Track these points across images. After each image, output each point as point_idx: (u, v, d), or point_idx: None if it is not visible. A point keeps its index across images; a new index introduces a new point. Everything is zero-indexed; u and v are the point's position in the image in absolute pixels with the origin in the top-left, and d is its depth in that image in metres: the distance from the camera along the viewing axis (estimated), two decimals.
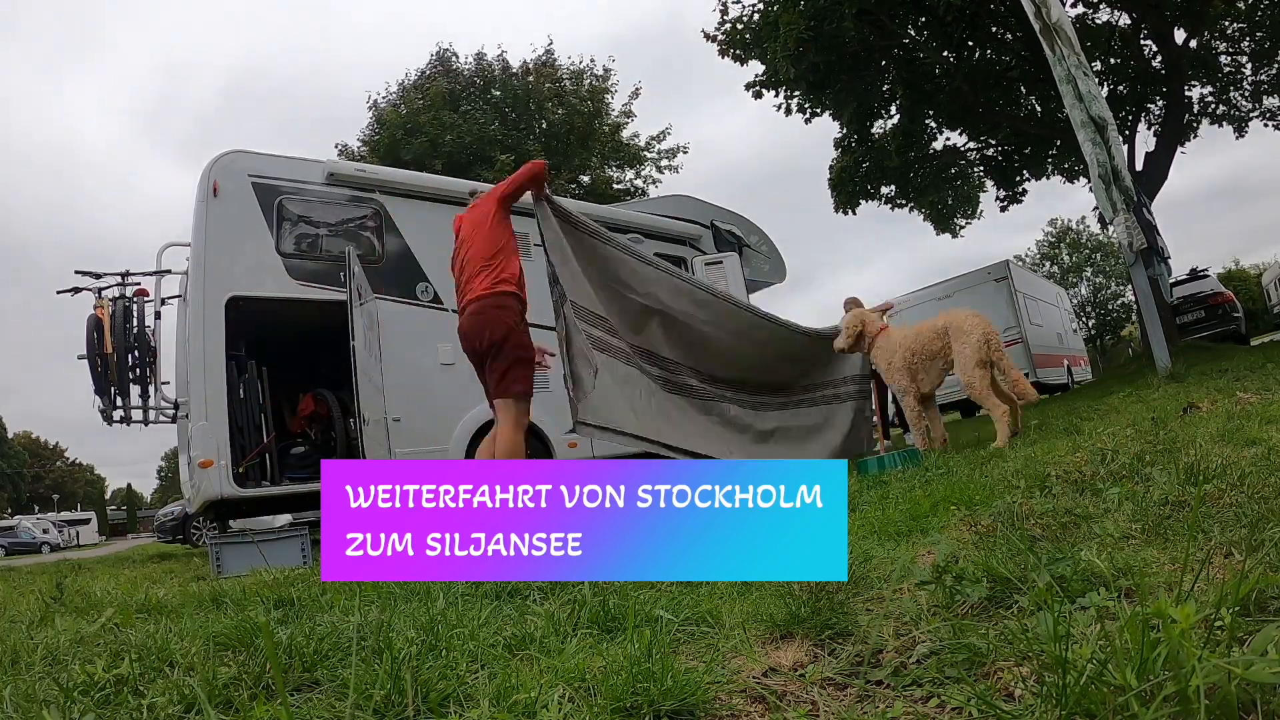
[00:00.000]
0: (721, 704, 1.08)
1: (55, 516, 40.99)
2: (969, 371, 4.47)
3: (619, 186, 19.81)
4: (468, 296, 3.59)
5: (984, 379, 4.45)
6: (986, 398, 4.43)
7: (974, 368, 4.44)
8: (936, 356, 4.74)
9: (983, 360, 4.45)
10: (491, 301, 3.53)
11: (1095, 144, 6.42)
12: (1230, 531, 1.39)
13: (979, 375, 4.44)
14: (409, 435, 5.78)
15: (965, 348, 4.50)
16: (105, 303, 5.90)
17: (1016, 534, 1.56)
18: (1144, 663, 0.79)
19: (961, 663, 1.05)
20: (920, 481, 3.03)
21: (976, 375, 4.44)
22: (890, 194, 16.18)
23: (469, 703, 1.10)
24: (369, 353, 5.32)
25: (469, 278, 3.60)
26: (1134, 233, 6.35)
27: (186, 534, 13.51)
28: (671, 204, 9.07)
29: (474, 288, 3.56)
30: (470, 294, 3.58)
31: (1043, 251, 49.43)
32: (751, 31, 13.28)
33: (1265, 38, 13.67)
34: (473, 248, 3.61)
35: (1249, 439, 2.44)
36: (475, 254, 3.59)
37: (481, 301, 3.53)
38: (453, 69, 19.08)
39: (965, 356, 4.50)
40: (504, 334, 3.51)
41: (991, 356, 4.48)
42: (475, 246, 3.61)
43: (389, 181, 6.50)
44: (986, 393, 4.43)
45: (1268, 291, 27.12)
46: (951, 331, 4.62)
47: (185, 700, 1.17)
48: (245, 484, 5.44)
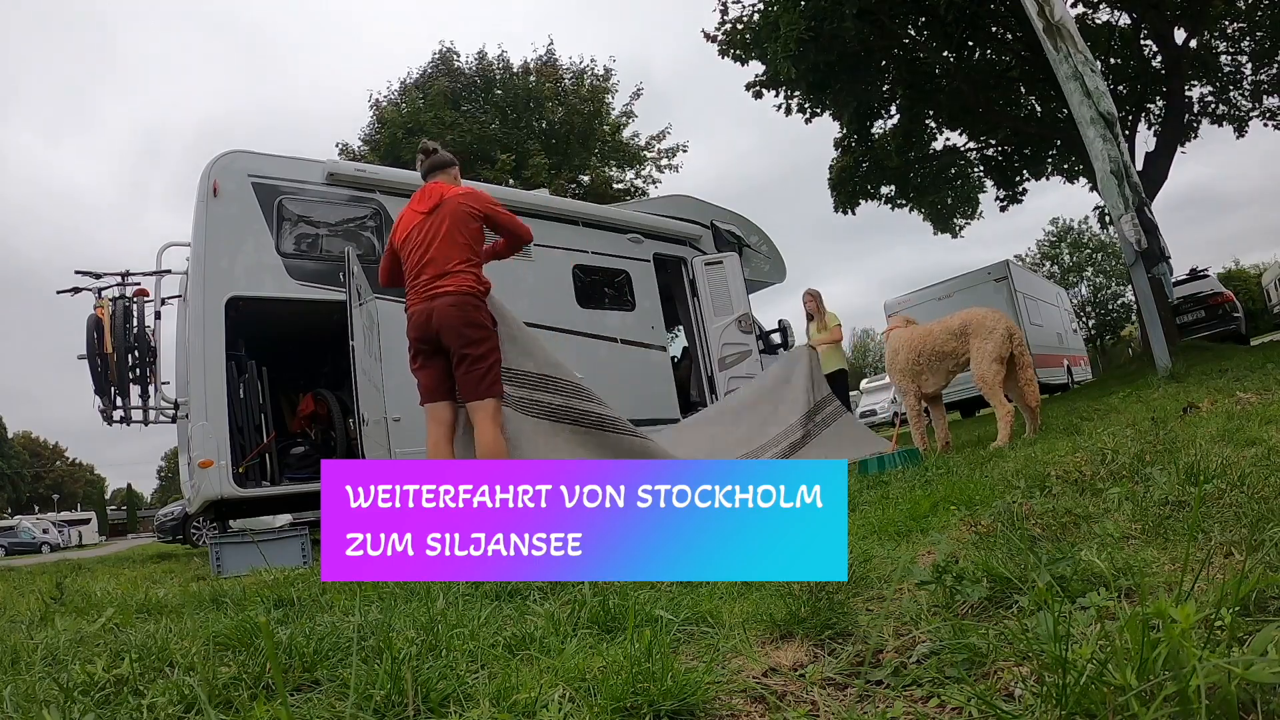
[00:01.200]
0: (721, 704, 1.08)
1: (55, 516, 40.99)
2: (985, 365, 4.46)
3: (619, 186, 19.80)
4: (445, 287, 3.56)
5: (998, 375, 4.45)
6: (995, 394, 4.44)
7: (991, 362, 4.44)
8: (948, 357, 4.70)
9: (1001, 356, 4.45)
10: (474, 301, 3.54)
11: (1106, 139, 6.41)
12: (1230, 531, 1.39)
13: (994, 370, 4.44)
14: (409, 435, 5.78)
15: (987, 343, 4.49)
16: (105, 303, 5.90)
17: (1016, 534, 1.56)
18: (1144, 663, 0.79)
19: (961, 663, 1.05)
20: (920, 481, 3.03)
21: (992, 370, 4.44)
22: (890, 194, 16.19)
23: (469, 703, 1.10)
24: (369, 352, 5.32)
25: (449, 267, 3.56)
26: (1139, 230, 6.35)
27: (186, 534, 13.51)
28: (671, 204, 9.07)
29: (456, 282, 3.55)
30: (449, 286, 3.56)
31: (1043, 251, 49.44)
32: (751, 31, 13.28)
33: (1265, 38, 13.67)
34: (457, 239, 3.58)
35: (1249, 439, 2.44)
36: (458, 246, 3.57)
37: (464, 298, 3.52)
38: (454, 68, 19.09)
39: (985, 351, 4.49)
40: (485, 336, 3.53)
41: (1014, 351, 4.49)
42: (460, 239, 3.58)
43: (389, 181, 6.49)
44: (996, 389, 4.45)
45: (1268, 291, 27.14)
46: (972, 328, 4.60)
47: (185, 700, 1.17)
48: (245, 484, 5.44)
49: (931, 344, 4.73)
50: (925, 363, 4.75)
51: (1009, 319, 4.66)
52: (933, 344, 4.72)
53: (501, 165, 16.79)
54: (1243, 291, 24.73)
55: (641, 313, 7.94)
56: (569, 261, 7.40)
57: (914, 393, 4.80)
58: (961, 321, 4.67)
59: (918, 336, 4.83)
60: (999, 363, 4.44)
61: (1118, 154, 6.41)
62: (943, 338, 4.71)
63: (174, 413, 5.97)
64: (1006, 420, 4.39)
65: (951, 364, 4.73)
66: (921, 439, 4.85)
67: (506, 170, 16.89)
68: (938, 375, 4.78)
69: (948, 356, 4.71)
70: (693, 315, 8.63)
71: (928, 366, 4.75)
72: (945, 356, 4.71)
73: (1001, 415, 4.42)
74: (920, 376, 4.79)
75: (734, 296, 8.40)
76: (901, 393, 4.89)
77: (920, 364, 4.76)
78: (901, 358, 4.82)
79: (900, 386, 4.87)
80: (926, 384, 4.81)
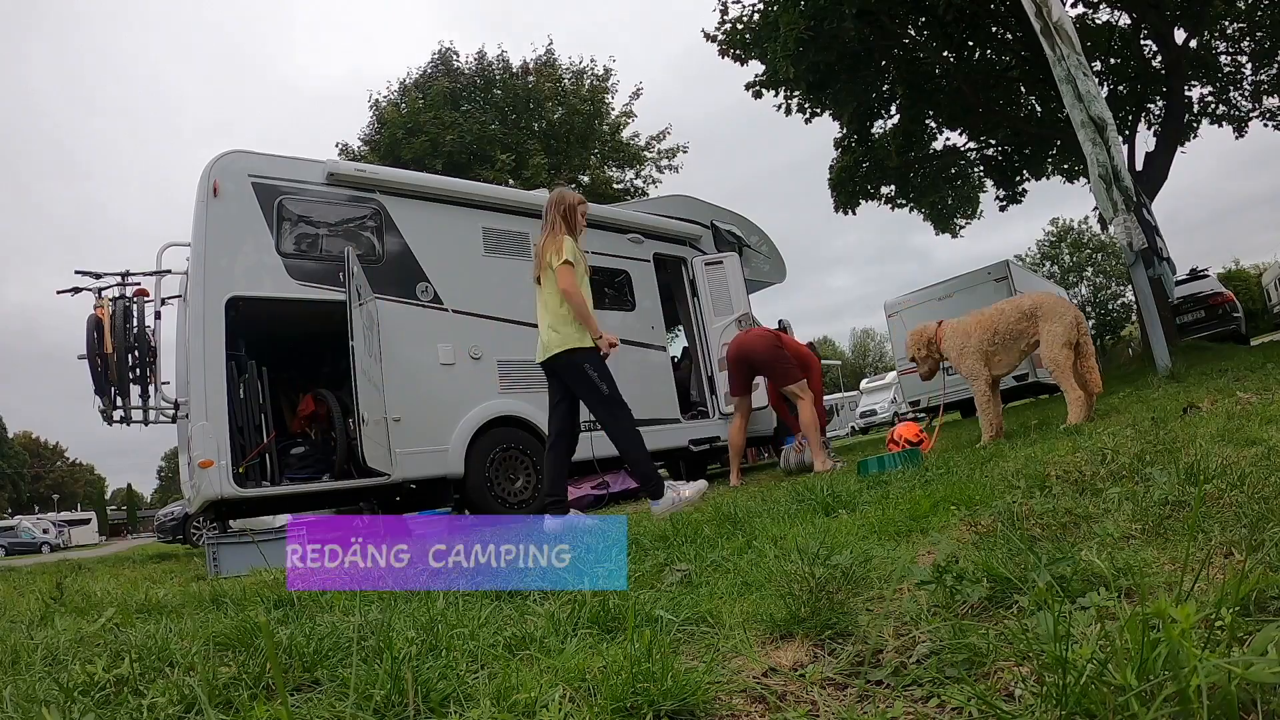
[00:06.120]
0: (721, 704, 1.08)
1: (55, 516, 40.99)
2: (1056, 349, 4.54)
3: (619, 186, 19.81)
4: None
5: (1069, 359, 4.54)
6: (1066, 377, 4.53)
7: (1061, 347, 4.53)
8: (1020, 337, 4.74)
9: (1070, 342, 4.55)
10: None
11: (1095, 144, 6.43)
12: (1230, 531, 1.39)
13: (1065, 354, 4.52)
14: (409, 435, 5.78)
15: (1057, 326, 4.57)
16: (105, 303, 5.90)
17: (1016, 534, 1.56)
18: (1144, 663, 0.79)
19: (961, 663, 1.05)
20: (920, 481, 3.02)
21: (1063, 354, 4.52)
22: (890, 194, 16.20)
23: (469, 703, 1.10)
24: (369, 352, 5.32)
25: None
26: (1134, 233, 6.35)
27: (186, 534, 13.52)
28: (671, 204, 9.07)
29: None
30: None
31: (1043, 251, 49.46)
32: (751, 31, 13.29)
33: (1265, 38, 13.68)
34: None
35: (1249, 439, 2.44)
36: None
37: None
38: (453, 68, 19.09)
39: (1056, 335, 4.56)
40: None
41: (1079, 339, 4.59)
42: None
43: (389, 181, 6.49)
44: (1067, 373, 4.52)
45: (1268, 291, 27.14)
46: (1042, 312, 4.66)
47: (185, 700, 1.17)
48: (245, 484, 5.43)
49: (1005, 324, 4.76)
50: (1000, 342, 4.77)
51: (1075, 307, 4.77)
52: (1006, 324, 4.76)
53: (501, 165, 16.79)
54: (1243, 291, 24.73)
55: (641, 313, 7.94)
56: None
57: (985, 378, 4.80)
58: (1033, 303, 4.74)
59: (989, 317, 4.85)
60: (1069, 347, 4.54)
61: (1106, 159, 6.41)
62: (1014, 317, 4.75)
63: (174, 413, 5.97)
64: (1077, 403, 4.48)
65: (1024, 344, 4.77)
66: (988, 430, 4.77)
67: (506, 170, 16.89)
68: (1010, 355, 4.80)
69: (1020, 336, 4.75)
70: (693, 315, 8.63)
71: (1002, 346, 4.78)
72: (1019, 336, 4.75)
73: (1073, 399, 4.51)
74: (994, 358, 4.80)
75: (734, 296, 8.41)
76: (972, 378, 4.87)
77: (996, 344, 4.77)
78: (975, 340, 4.81)
79: (971, 372, 4.85)
80: (999, 365, 4.82)
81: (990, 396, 4.85)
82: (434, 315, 6.28)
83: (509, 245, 6.96)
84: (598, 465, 6.69)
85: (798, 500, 3.00)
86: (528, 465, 6.40)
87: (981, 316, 4.89)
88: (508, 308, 6.71)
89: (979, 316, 4.91)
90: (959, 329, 4.94)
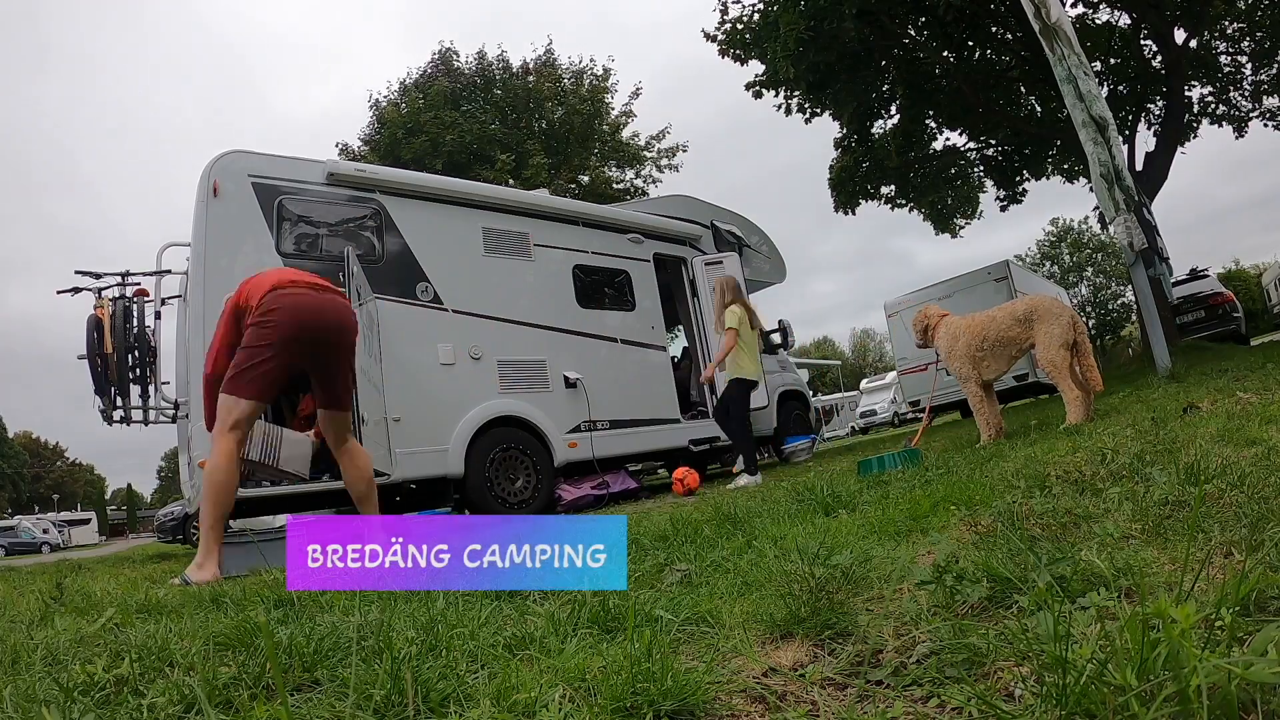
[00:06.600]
0: (721, 704, 1.08)
1: (55, 516, 40.99)
2: (1053, 351, 4.53)
3: (619, 186, 19.81)
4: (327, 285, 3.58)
5: (1066, 360, 4.53)
6: (1063, 378, 4.52)
7: (1059, 348, 4.52)
8: (1011, 343, 4.71)
9: (1067, 343, 4.54)
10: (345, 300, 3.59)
11: (1096, 143, 6.43)
12: (1230, 531, 1.39)
13: (1062, 356, 4.52)
14: (409, 435, 5.78)
15: (1054, 328, 4.56)
16: (105, 303, 5.90)
17: (1016, 534, 1.56)
18: (1144, 663, 0.79)
19: (961, 663, 1.05)
20: (920, 481, 3.02)
21: (1060, 356, 4.51)
22: (890, 194, 16.20)
23: (469, 703, 1.10)
24: (368, 353, 5.31)
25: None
26: (1134, 232, 6.35)
27: (186, 534, 13.50)
28: (671, 204, 9.07)
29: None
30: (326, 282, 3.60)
31: (1043, 251, 49.46)
32: (751, 31, 13.29)
33: (1265, 38, 13.69)
34: None
35: (1249, 439, 2.44)
36: None
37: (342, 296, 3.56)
38: (454, 68, 19.09)
39: (1053, 336, 4.55)
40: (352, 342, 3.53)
41: (1077, 338, 4.58)
42: None
43: (389, 181, 6.49)
44: (1065, 374, 4.52)
45: (1268, 291, 27.15)
46: (1038, 314, 4.64)
47: (185, 700, 1.17)
48: (245, 484, 5.43)
49: (995, 330, 4.72)
50: (989, 348, 4.74)
51: (1071, 308, 4.75)
52: (997, 330, 4.72)
53: (501, 165, 16.79)
54: (1243, 291, 24.74)
55: (641, 313, 7.94)
56: (569, 261, 7.41)
57: (975, 380, 4.79)
58: (1027, 307, 4.71)
59: (979, 322, 4.82)
60: (1066, 348, 4.53)
61: (1108, 158, 6.41)
62: (1006, 323, 4.71)
63: (174, 413, 5.97)
64: (1076, 403, 4.48)
65: (1014, 350, 4.75)
66: (985, 430, 4.78)
67: (506, 170, 16.88)
68: (1000, 361, 4.77)
69: (1011, 343, 4.71)
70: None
71: (991, 352, 4.75)
72: (1009, 343, 4.72)
73: (1071, 399, 4.51)
74: (982, 363, 4.78)
75: None
76: (962, 380, 4.86)
77: (984, 349, 4.75)
78: (962, 344, 4.79)
79: (959, 374, 4.85)
80: (987, 370, 4.79)
81: (984, 398, 4.83)
82: (434, 315, 6.29)
83: (509, 245, 6.96)
84: (598, 465, 6.69)
85: (798, 500, 3.01)
86: (528, 465, 6.40)
87: (975, 320, 4.87)
88: (508, 308, 6.71)
89: (972, 320, 4.89)
90: (952, 328, 4.93)
